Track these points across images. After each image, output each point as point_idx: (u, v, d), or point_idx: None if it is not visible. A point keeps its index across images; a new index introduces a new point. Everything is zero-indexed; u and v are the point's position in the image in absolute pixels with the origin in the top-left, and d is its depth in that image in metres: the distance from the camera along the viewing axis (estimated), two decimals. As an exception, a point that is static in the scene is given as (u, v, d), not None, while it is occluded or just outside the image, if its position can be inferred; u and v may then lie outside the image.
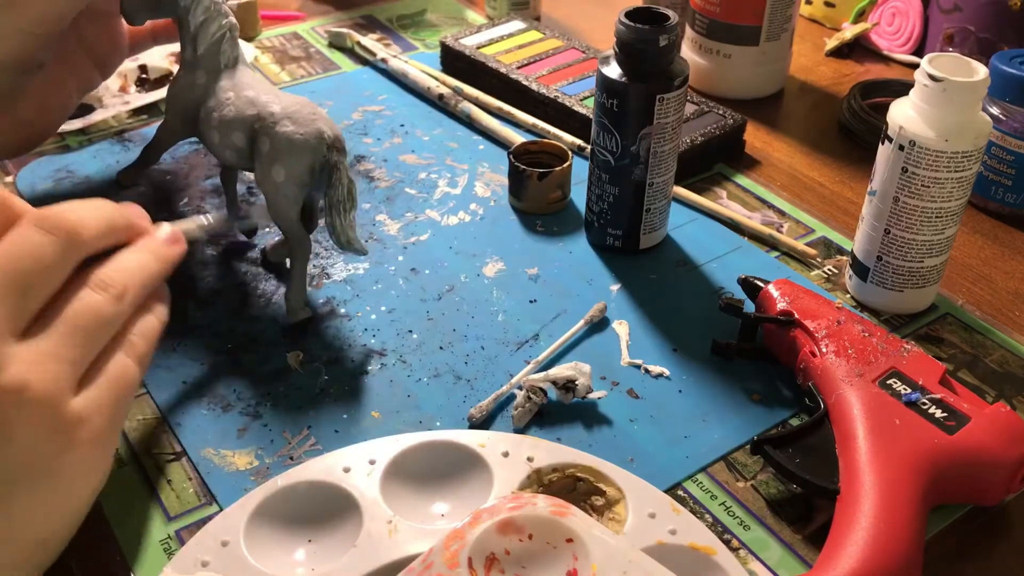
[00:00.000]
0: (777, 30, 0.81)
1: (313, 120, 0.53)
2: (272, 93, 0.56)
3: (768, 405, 0.53)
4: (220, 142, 0.57)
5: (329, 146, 0.53)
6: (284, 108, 0.54)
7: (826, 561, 0.42)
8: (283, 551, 0.43)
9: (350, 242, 0.55)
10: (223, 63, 0.58)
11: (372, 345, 0.56)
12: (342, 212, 0.54)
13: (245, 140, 0.55)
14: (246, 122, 0.55)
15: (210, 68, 0.58)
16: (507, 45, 0.85)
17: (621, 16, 0.58)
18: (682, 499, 0.48)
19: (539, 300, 0.60)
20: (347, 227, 0.54)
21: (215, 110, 0.56)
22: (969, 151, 0.53)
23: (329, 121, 0.54)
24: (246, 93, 0.56)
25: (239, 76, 0.58)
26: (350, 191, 0.54)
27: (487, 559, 0.38)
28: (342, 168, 0.53)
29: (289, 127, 0.53)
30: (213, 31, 0.58)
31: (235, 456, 0.49)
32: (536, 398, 0.52)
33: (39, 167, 0.71)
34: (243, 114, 0.55)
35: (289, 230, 0.55)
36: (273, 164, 0.53)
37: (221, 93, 0.57)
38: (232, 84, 0.57)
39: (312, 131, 0.53)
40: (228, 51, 0.58)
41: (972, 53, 0.83)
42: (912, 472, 0.44)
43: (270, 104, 0.55)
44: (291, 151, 0.53)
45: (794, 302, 0.54)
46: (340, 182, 0.53)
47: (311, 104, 0.55)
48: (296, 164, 0.53)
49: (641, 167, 0.60)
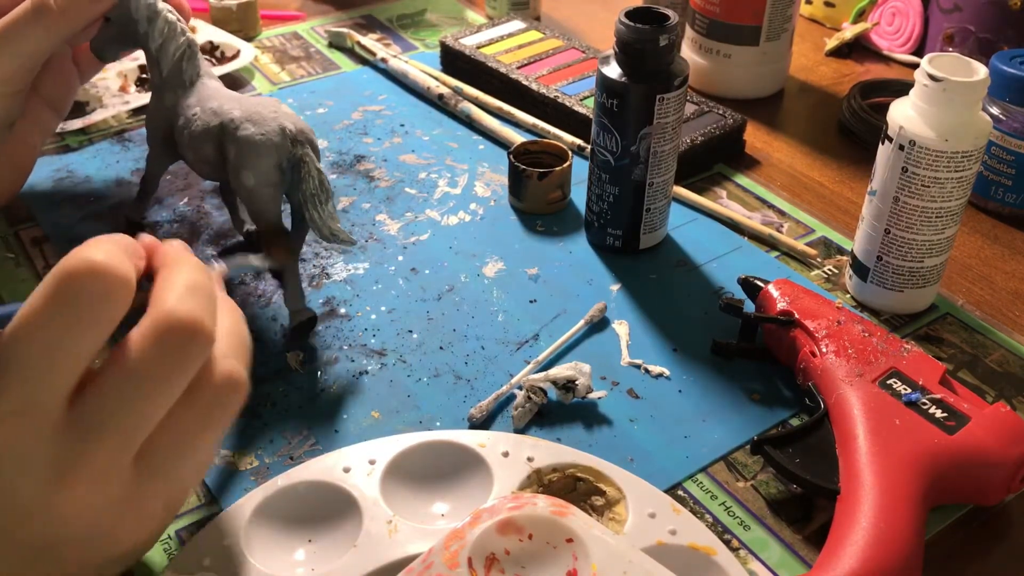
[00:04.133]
0: (777, 30, 0.81)
1: (274, 118, 0.53)
2: (234, 100, 0.56)
3: (768, 405, 0.53)
4: (194, 158, 0.57)
5: (293, 140, 0.53)
6: (244, 112, 0.54)
7: (826, 561, 0.42)
8: (283, 551, 0.43)
9: (334, 233, 0.53)
10: (186, 81, 0.58)
11: (372, 345, 0.56)
12: (318, 204, 0.53)
13: (215, 152, 0.55)
14: (212, 133, 0.55)
15: (175, 88, 0.58)
16: (507, 45, 0.85)
17: (621, 16, 0.58)
18: (682, 499, 0.48)
19: (539, 300, 0.60)
20: (327, 218, 0.53)
21: (185, 128, 0.56)
22: (969, 151, 0.53)
23: (292, 116, 0.54)
24: (210, 105, 0.56)
25: (202, 90, 0.57)
26: (321, 182, 0.53)
27: (487, 559, 0.38)
28: (308, 161, 0.53)
29: (250, 129, 0.53)
30: (172, 51, 0.58)
31: (235, 456, 0.49)
32: (536, 398, 0.52)
33: (39, 167, 0.71)
34: (208, 126, 0.55)
35: (272, 233, 0.54)
36: (241, 170, 0.53)
37: (188, 110, 0.57)
38: (197, 99, 0.57)
39: (273, 129, 0.53)
40: (188, 69, 0.58)
41: (972, 53, 0.83)
42: (912, 472, 0.44)
43: (231, 111, 0.54)
44: (255, 153, 0.52)
45: (794, 302, 0.54)
46: (309, 175, 0.53)
47: (274, 103, 0.55)
48: (262, 165, 0.52)
49: (641, 167, 0.60)
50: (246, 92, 0.82)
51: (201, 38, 0.86)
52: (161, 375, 0.35)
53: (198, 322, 0.35)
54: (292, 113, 0.54)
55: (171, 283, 0.37)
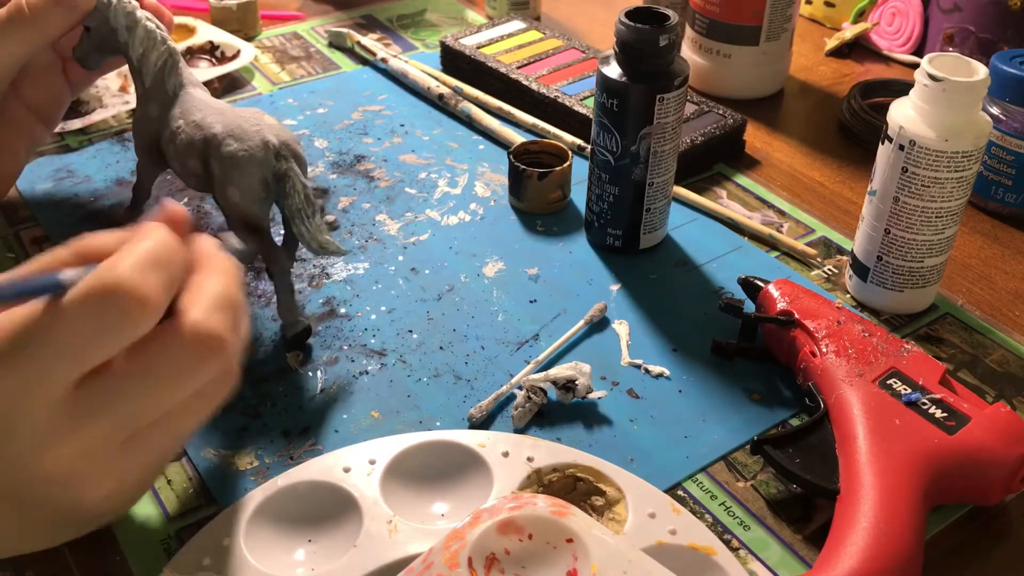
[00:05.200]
0: (777, 30, 0.81)
1: (256, 131, 0.52)
2: (217, 112, 0.55)
3: (768, 405, 0.53)
4: (182, 171, 0.56)
5: (277, 155, 0.52)
6: (226, 126, 0.53)
7: (826, 561, 0.42)
8: (283, 551, 0.43)
9: (323, 247, 0.53)
10: (170, 91, 0.57)
11: (372, 345, 0.56)
12: (305, 219, 0.52)
13: (200, 166, 0.54)
14: (196, 148, 0.54)
15: (160, 99, 0.57)
16: (507, 45, 0.85)
17: (621, 16, 0.58)
18: (682, 499, 0.48)
19: (539, 300, 0.60)
20: (316, 232, 0.53)
21: (171, 140, 0.56)
22: (969, 151, 0.53)
23: (275, 127, 0.53)
24: (193, 118, 0.55)
25: (187, 101, 0.56)
26: (307, 196, 0.52)
27: (487, 559, 0.38)
28: (293, 175, 0.52)
29: (233, 145, 0.52)
30: (154, 61, 0.57)
31: (235, 456, 0.49)
32: (536, 398, 0.52)
33: (39, 167, 0.71)
34: (192, 140, 0.54)
35: (260, 247, 0.53)
36: (227, 186, 0.52)
37: (172, 122, 0.56)
38: (181, 111, 0.56)
39: (255, 144, 0.52)
40: (171, 78, 0.57)
41: (972, 53, 0.83)
42: (912, 472, 0.44)
43: (213, 125, 0.53)
44: (238, 169, 0.52)
45: (794, 302, 0.54)
46: (294, 189, 0.52)
47: (257, 114, 0.54)
48: (246, 181, 0.52)
49: (641, 167, 0.60)
50: (246, 92, 0.83)
51: (201, 38, 0.86)
52: (174, 382, 0.36)
53: (221, 339, 0.37)
54: (275, 124, 0.54)
55: (202, 292, 0.38)
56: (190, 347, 0.36)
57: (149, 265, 0.35)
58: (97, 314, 0.34)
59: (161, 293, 0.35)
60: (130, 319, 0.34)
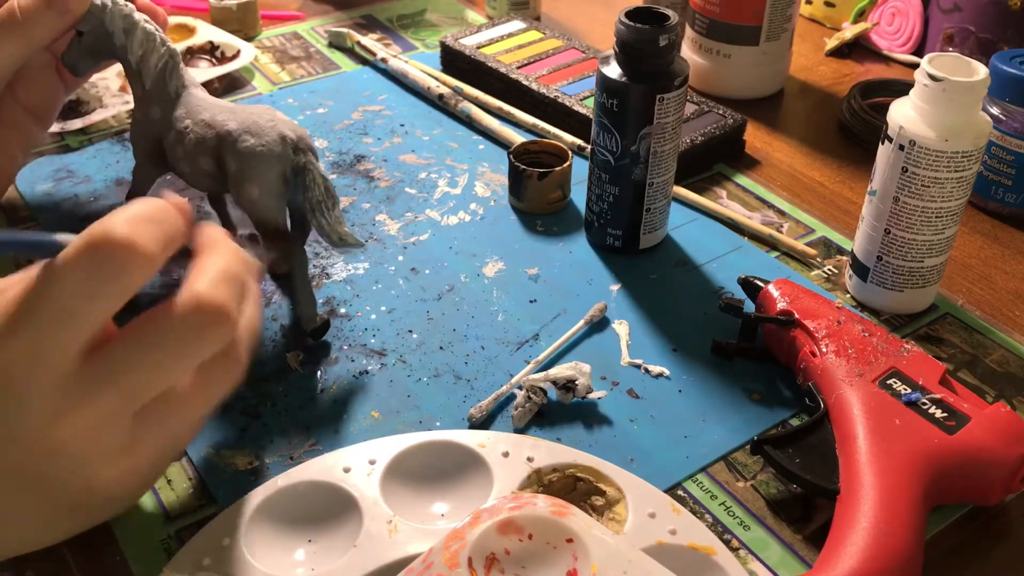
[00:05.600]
0: (777, 30, 0.81)
1: (272, 127, 0.52)
2: (227, 110, 0.55)
3: (768, 405, 0.53)
4: (191, 172, 0.56)
5: (295, 148, 0.52)
6: (241, 123, 0.53)
7: (826, 561, 0.42)
8: (283, 551, 0.43)
9: (343, 239, 0.53)
10: (172, 93, 0.56)
11: (372, 345, 0.56)
12: (325, 211, 0.53)
13: (213, 164, 0.54)
14: (208, 146, 0.54)
15: (162, 101, 0.56)
16: (507, 45, 0.85)
17: (621, 16, 0.58)
18: (682, 499, 0.48)
19: (539, 300, 0.60)
20: (335, 224, 0.53)
21: (177, 143, 0.55)
22: (969, 151, 0.53)
23: (290, 123, 0.53)
24: (201, 117, 0.55)
25: (191, 101, 0.56)
26: (327, 188, 0.53)
27: (487, 559, 0.38)
28: (312, 168, 0.52)
29: (250, 141, 0.52)
30: (154, 63, 0.56)
31: (235, 456, 0.49)
32: (536, 398, 0.52)
33: (39, 167, 0.71)
34: (204, 139, 0.54)
35: (279, 244, 0.54)
36: (244, 183, 0.52)
37: (178, 123, 0.56)
38: (186, 111, 0.56)
39: (273, 139, 0.52)
40: (173, 80, 0.57)
41: (972, 53, 0.83)
42: (912, 472, 0.44)
43: (227, 123, 0.53)
44: (258, 165, 0.52)
45: (794, 302, 0.54)
46: (315, 182, 0.52)
47: (269, 110, 0.54)
48: (266, 176, 0.52)
49: (641, 167, 0.60)
50: (246, 92, 0.83)
51: (201, 38, 0.86)
52: (177, 351, 0.37)
53: (223, 308, 0.37)
54: (288, 119, 0.54)
55: (206, 268, 0.38)
56: (193, 315, 0.36)
57: (141, 219, 0.36)
58: (90, 266, 0.35)
59: (151, 243, 0.36)
60: (123, 269, 0.35)
